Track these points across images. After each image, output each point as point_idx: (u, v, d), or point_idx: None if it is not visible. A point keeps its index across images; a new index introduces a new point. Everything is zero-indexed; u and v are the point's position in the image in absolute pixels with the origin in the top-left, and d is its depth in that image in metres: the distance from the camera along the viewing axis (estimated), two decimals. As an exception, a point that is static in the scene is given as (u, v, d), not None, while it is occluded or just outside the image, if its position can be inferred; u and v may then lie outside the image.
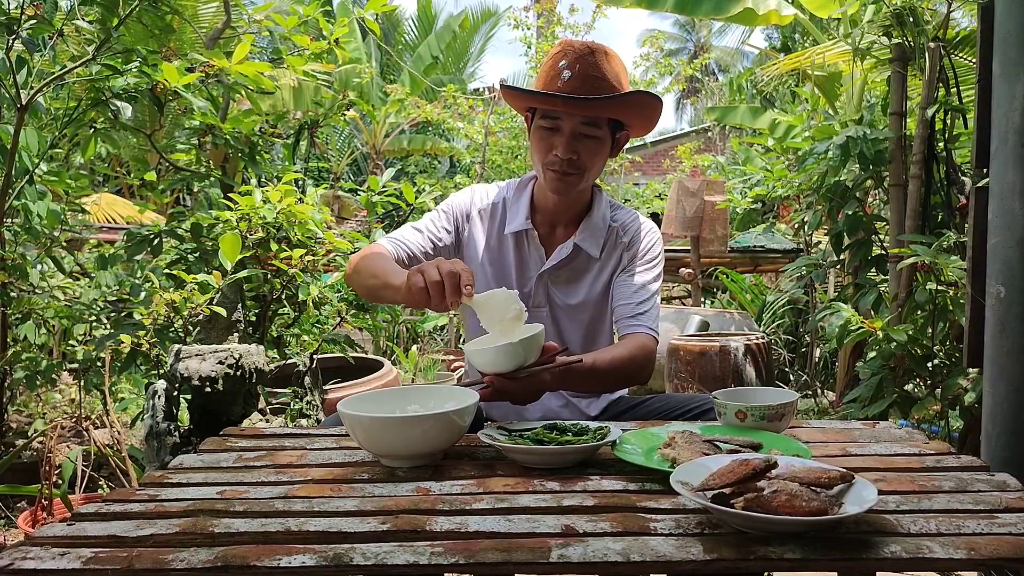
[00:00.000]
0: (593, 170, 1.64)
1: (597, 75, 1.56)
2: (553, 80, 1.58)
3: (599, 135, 1.61)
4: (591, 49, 1.58)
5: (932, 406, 2.85)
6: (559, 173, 1.61)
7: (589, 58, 1.57)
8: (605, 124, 1.61)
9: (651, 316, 1.65)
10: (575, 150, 1.59)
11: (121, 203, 7.89)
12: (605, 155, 1.66)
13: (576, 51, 1.58)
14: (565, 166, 1.60)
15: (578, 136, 1.59)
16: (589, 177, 1.65)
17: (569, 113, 1.58)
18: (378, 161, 10.82)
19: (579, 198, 1.71)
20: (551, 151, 1.60)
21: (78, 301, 3.18)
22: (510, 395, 1.37)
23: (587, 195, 1.74)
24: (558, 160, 1.59)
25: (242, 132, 3.21)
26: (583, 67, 1.56)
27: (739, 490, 0.92)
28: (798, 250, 6.26)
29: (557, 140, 1.59)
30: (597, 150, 1.62)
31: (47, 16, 2.75)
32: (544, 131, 1.62)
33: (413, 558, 0.86)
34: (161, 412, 2.24)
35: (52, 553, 0.88)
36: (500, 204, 1.74)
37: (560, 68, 1.58)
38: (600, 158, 1.65)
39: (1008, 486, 1.08)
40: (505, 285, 1.69)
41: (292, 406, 3.64)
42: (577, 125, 1.58)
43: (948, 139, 3.14)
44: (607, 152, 1.66)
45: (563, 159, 1.59)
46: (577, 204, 1.72)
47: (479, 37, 14.80)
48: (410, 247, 1.66)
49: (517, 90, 1.65)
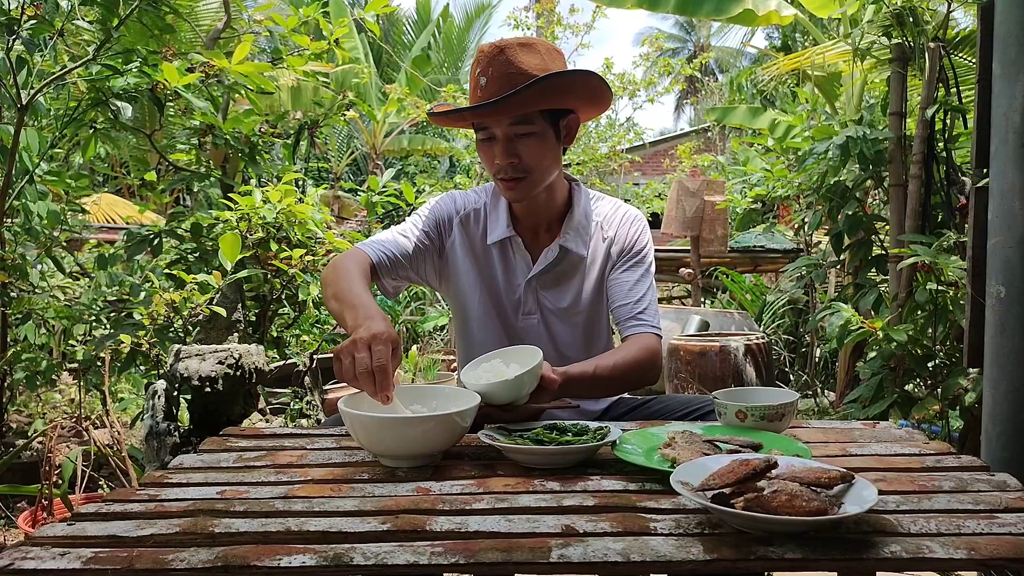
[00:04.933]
0: (542, 168, 1.57)
1: (512, 71, 1.50)
2: (475, 91, 1.54)
3: (535, 130, 1.54)
4: (501, 48, 1.52)
5: (932, 406, 2.85)
6: (506, 181, 1.56)
7: (500, 57, 1.51)
8: (538, 117, 1.54)
9: (650, 312, 1.61)
10: (514, 153, 1.54)
11: (121, 203, 7.89)
12: (551, 147, 1.58)
13: (487, 55, 1.53)
14: (509, 172, 1.54)
15: (512, 138, 1.53)
16: (541, 176, 1.58)
17: (494, 120, 1.53)
18: (378, 161, 10.81)
19: (553, 198, 1.66)
20: (493, 160, 1.56)
21: (78, 301, 3.18)
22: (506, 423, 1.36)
23: (562, 193, 1.68)
24: (501, 168, 1.55)
25: (242, 132, 3.21)
26: (495, 69, 1.51)
27: (739, 490, 0.92)
28: (798, 250, 6.26)
29: (495, 148, 1.55)
30: (537, 146, 1.55)
31: (47, 16, 2.75)
32: (483, 143, 1.58)
33: (413, 558, 0.86)
34: (161, 412, 2.24)
35: (52, 553, 0.88)
36: (481, 211, 1.69)
37: (477, 77, 1.54)
38: (544, 153, 1.56)
39: (1008, 486, 1.08)
40: (494, 294, 1.66)
41: (292, 406, 3.64)
42: (507, 128, 1.53)
43: (948, 139, 3.14)
44: (552, 144, 1.57)
45: (504, 165, 1.54)
46: (553, 204, 1.66)
47: (475, 33, 14.81)
48: (395, 253, 1.61)
49: (437, 115, 1.62)
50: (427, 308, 6.83)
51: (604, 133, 9.98)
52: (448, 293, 1.73)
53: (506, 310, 1.67)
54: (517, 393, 1.32)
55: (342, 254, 1.62)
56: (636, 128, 10.91)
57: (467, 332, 1.71)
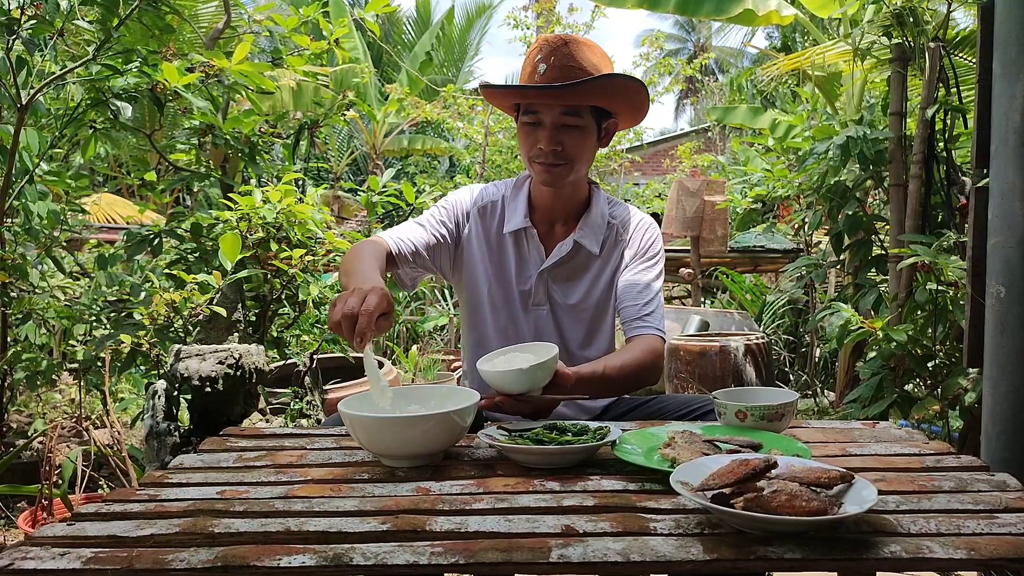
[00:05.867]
0: (581, 160, 1.62)
1: (573, 64, 1.55)
2: (531, 76, 1.58)
3: (582, 124, 1.59)
4: (565, 41, 1.57)
5: (932, 406, 2.85)
6: (545, 165, 1.60)
7: (563, 49, 1.56)
8: (587, 112, 1.59)
9: (657, 316, 1.65)
10: (559, 141, 1.58)
11: (121, 203, 7.89)
12: (592, 144, 1.64)
13: (551, 44, 1.57)
14: (551, 158, 1.59)
15: (560, 127, 1.58)
16: (578, 167, 1.62)
17: (547, 104, 1.57)
18: (378, 161, 10.81)
19: (575, 194, 1.70)
20: (536, 145, 1.59)
21: (78, 301, 3.18)
22: (518, 414, 1.39)
23: (584, 191, 1.72)
24: (542, 153, 1.59)
25: (242, 132, 3.21)
26: (558, 58, 1.55)
27: (739, 490, 0.92)
28: (798, 250, 6.25)
29: (540, 133, 1.59)
30: (581, 139, 1.60)
31: (47, 16, 2.75)
32: (527, 126, 1.61)
33: (413, 558, 0.86)
34: (161, 412, 2.24)
35: (52, 553, 0.88)
36: (499, 203, 1.73)
37: (537, 62, 1.58)
38: (586, 147, 1.62)
39: (1008, 486, 1.08)
40: (505, 283, 1.69)
41: (292, 406, 3.64)
42: (557, 116, 1.57)
43: (948, 139, 3.14)
44: (594, 141, 1.64)
45: (547, 151, 1.58)
46: (574, 200, 1.71)
47: (475, 33, 14.81)
48: (413, 242, 1.65)
49: (494, 87, 1.64)
50: (427, 308, 6.83)
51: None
52: (460, 283, 1.76)
53: (516, 300, 1.69)
54: (531, 384, 1.33)
55: (362, 241, 1.66)
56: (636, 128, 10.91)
57: (476, 321, 1.72)
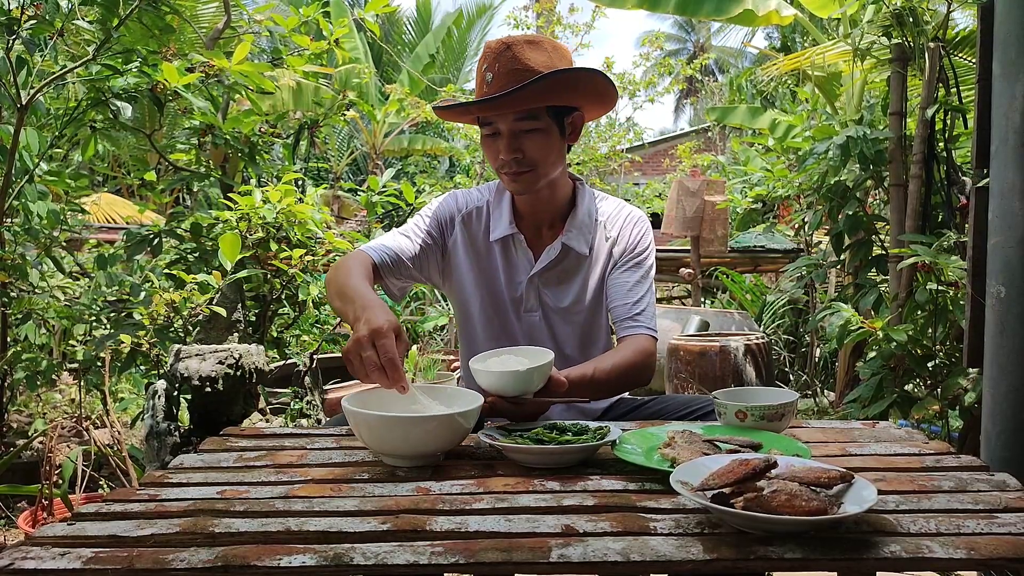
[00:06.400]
0: (547, 163, 1.59)
1: (518, 67, 1.52)
2: (481, 87, 1.56)
3: (539, 126, 1.56)
4: (508, 44, 1.54)
5: (932, 406, 2.85)
6: (511, 175, 1.58)
7: (506, 54, 1.53)
8: (543, 113, 1.56)
9: (647, 315, 1.63)
10: (517, 148, 1.56)
11: (121, 203, 7.89)
12: (555, 144, 1.60)
13: (494, 51, 1.55)
14: (513, 166, 1.56)
15: (517, 134, 1.55)
16: (545, 171, 1.59)
17: (499, 114, 1.55)
18: (378, 161, 10.81)
19: (556, 196, 1.67)
20: (498, 155, 1.58)
21: (78, 301, 3.18)
22: (509, 417, 1.38)
23: (566, 191, 1.69)
24: (505, 162, 1.57)
25: (242, 132, 3.21)
26: (502, 64, 1.53)
27: (739, 490, 0.92)
28: (798, 250, 6.25)
29: (500, 143, 1.57)
30: (542, 142, 1.57)
31: (47, 16, 2.75)
32: (487, 138, 1.60)
33: (413, 558, 0.86)
34: (161, 412, 2.24)
35: (52, 553, 0.88)
36: (483, 208, 1.70)
37: (484, 72, 1.56)
38: (549, 149, 1.58)
39: (1008, 486, 1.08)
40: (495, 291, 1.68)
41: (292, 406, 3.64)
42: (512, 123, 1.55)
43: (948, 139, 3.14)
44: (556, 140, 1.59)
45: (508, 160, 1.56)
46: (556, 202, 1.68)
47: (476, 34, 14.79)
48: (397, 253, 1.62)
49: (443, 108, 1.63)
50: (427, 308, 6.83)
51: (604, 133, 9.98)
52: (450, 291, 1.74)
53: (507, 307, 1.68)
54: (525, 387, 1.33)
55: (344, 256, 1.64)
56: (636, 128, 10.92)
57: (469, 329, 1.71)
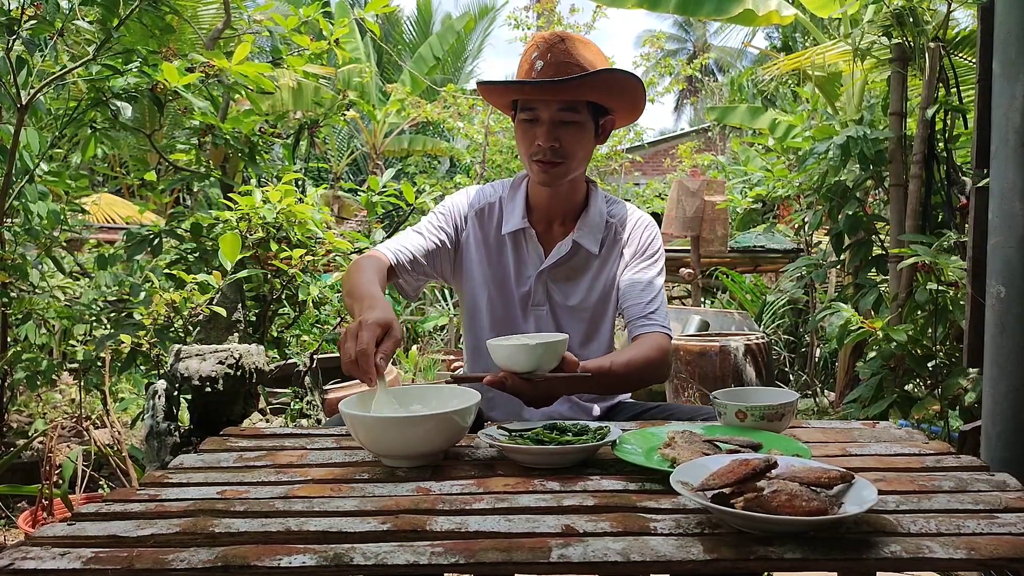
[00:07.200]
0: (577, 157, 1.62)
1: (569, 61, 1.55)
2: (528, 73, 1.58)
3: (579, 120, 1.59)
4: (562, 37, 1.57)
5: (932, 406, 2.85)
6: (543, 163, 1.59)
7: (560, 46, 1.56)
8: (584, 108, 1.59)
9: (661, 313, 1.65)
10: (556, 137, 1.58)
11: (121, 203, 7.89)
12: (589, 141, 1.63)
13: (548, 41, 1.57)
14: (548, 155, 1.58)
15: (557, 123, 1.58)
16: (575, 165, 1.62)
17: (544, 101, 1.57)
18: (378, 161, 10.82)
19: (573, 193, 1.69)
20: (534, 142, 1.59)
21: (78, 301, 3.18)
22: (521, 395, 1.38)
23: (582, 190, 1.72)
24: (541, 150, 1.58)
25: (242, 132, 3.21)
26: (554, 55, 1.55)
27: (739, 490, 0.92)
28: (798, 250, 6.26)
29: (538, 130, 1.58)
30: (579, 136, 1.60)
31: (47, 16, 2.75)
32: (525, 124, 1.61)
33: (413, 558, 0.86)
34: (161, 412, 2.25)
35: (52, 553, 0.88)
36: (496, 204, 1.72)
37: (533, 59, 1.58)
38: (583, 144, 1.62)
39: (1008, 486, 1.08)
40: (504, 285, 1.69)
41: (292, 406, 3.64)
42: (555, 112, 1.57)
43: (948, 139, 3.14)
44: (591, 138, 1.63)
45: (545, 147, 1.57)
46: (572, 200, 1.70)
47: (477, 35, 14.79)
48: (412, 251, 1.64)
49: (492, 84, 1.63)
50: (427, 308, 6.83)
51: (604, 133, 9.95)
52: (460, 285, 1.76)
53: (515, 301, 1.69)
54: (537, 363, 1.33)
55: (361, 256, 1.66)
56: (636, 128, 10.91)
57: (476, 323, 1.72)
